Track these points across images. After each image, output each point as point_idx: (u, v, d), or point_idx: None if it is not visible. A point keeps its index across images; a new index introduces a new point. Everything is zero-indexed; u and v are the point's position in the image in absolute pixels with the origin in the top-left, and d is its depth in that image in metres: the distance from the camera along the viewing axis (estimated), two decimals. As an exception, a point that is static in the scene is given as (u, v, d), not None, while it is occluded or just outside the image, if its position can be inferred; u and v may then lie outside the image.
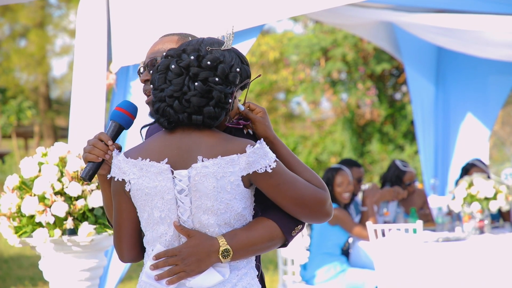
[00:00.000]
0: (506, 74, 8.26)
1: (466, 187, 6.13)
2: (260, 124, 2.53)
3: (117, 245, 2.57)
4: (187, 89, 2.41)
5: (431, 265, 5.34)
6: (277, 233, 2.47)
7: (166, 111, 2.43)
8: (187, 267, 2.41)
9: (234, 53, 2.49)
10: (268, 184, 2.41)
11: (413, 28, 6.98)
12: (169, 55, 2.47)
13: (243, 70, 2.48)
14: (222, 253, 2.40)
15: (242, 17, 4.87)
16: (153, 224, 2.46)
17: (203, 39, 2.52)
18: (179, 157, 2.41)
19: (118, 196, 2.51)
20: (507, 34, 6.32)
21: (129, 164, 2.45)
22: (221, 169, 2.37)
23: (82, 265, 4.11)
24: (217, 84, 2.41)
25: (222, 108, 2.43)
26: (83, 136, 4.90)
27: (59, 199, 3.98)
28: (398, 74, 15.33)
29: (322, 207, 2.47)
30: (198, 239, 2.41)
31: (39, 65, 24.45)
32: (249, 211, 2.47)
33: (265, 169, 2.38)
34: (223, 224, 2.42)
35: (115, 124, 2.63)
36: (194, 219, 2.42)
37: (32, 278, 8.58)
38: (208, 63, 2.41)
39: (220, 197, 2.39)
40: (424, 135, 8.46)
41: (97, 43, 4.94)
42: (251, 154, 2.37)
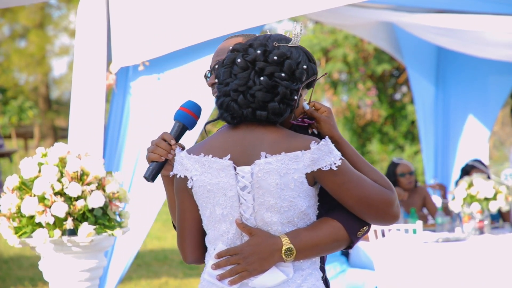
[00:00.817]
0: (506, 74, 8.26)
1: (466, 187, 6.13)
2: (325, 123, 2.48)
3: (180, 246, 2.53)
4: (253, 83, 2.36)
5: (431, 266, 5.34)
6: (342, 234, 2.40)
7: (230, 105, 2.39)
8: (249, 266, 2.36)
9: (302, 50, 2.45)
10: (333, 182, 2.35)
11: (414, 28, 6.98)
12: (236, 49, 2.43)
13: (309, 67, 2.43)
14: (285, 251, 2.35)
15: (242, 18, 4.87)
16: (215, 222, 2.42)
17: (271, 35, 2.46)
18: (242, 154, 2.37)
19: (180, 194, 2.47)
20: (507, 34, 6.32)
21: (192, 161, 2.42)
22: (284, 166, 2.32)
23: (82, 266, 4.11)
24: (283, 80, 2.36)
25: (287, 105, 2.38)
26: (83, 137, 4.90)
27: (59, 200, 3.98)
28: (399, 74, 15.33)
29: (389, 208, 2.40)
30: (261, 237, 2.36)
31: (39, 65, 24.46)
32: (313, 210, 2.41)
33: (330, 166, 2.32)
34: (286, 223, 2.37)
35: (179, 124, 2.60)
36: (257, 216, 2.37)
37: (32, 278, 8.57)
38: (274, 58, 2.37)
39: (284, 195, 2.34)
40: (425, 136, 8.47)
41: (97, 43, 4.94)
42: (316, 151, 2.32)
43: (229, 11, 4.90)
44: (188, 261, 2.54)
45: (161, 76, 5.06)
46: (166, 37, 4.94)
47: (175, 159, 2.47)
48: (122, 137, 5.07)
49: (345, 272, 6.13)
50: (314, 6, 4.94)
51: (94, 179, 4.08)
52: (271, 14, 4.92)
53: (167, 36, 4.94)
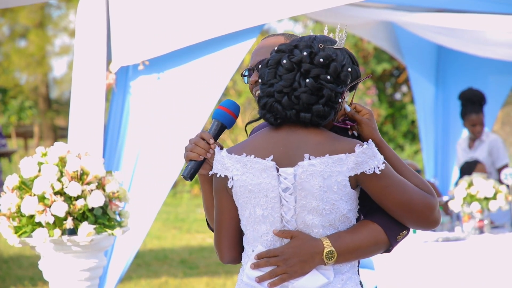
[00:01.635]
0: (506, 74, 8.26)
1: (466, 187, 6.13)
2: (367, 126, 2.47)
3: (217, 245, 2.52)
4: (298, 85, 2.36)
5: (431, 265, 5.34)
6: (382, 238, 2.40)
7: (273, 106, 2.38)
8: (289, 268, 2.35)
9: (346, 52, 2.44)
10: (376, 186, 2.35)
11: (413, 27, 6.98)
12: (281, 50, 2.42)
13: (353, 70, 2.43)
14: (326, 254, 2.34)
15: (242, 17, 4.87)
16: (255, 223, 2.41)
17: (316, 36, 2.46)
18: (285, 155, 2.36)
19: (219, 194, 2.46)
20: (507, 34, 6.32)
21: (233, 160, 2.41)
22: (328, 168, 2.31)
23: (82, 265, 4.11)
24: (328, 82, 2.36)
25: (332, 107, 2.38)
26: (83, 136, 4.90)
27: (58, 199, 3.98)
28: (398, 74, 15.33)
29: (430, 213, 2.39)
30: (302, 239, 2.35)
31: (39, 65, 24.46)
32: (354, 213, 2.41)
33: (374, 170, 2.32)
34: (327, 225, 2.36)
35: (218, 123, 2.59)
36: (298, 219, 2.36)
37: (32, 278, 8.57)
38: (320, 60, 2.36)
39: (326, 197, 2.33)
40: (425, 135, 8.47)
41: (96, 43, 4.94)
42: (360, 154, 2.31)
43: (229, 10, 4.90)
44: (225, 261, 2.53)
45: (161, 75, 5.05)
46: (166, 36, 4.94)
47: (215, 158, 2.46)
48: (122, 137, 5.07)
49: (345, 271, 6.12)
50: (314, 5, 4.94)
51: (94, 179, 4.08)
52: (271, 14, 4.92)
53: (167, 35, 4.94)
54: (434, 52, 8.38)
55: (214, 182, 2.47)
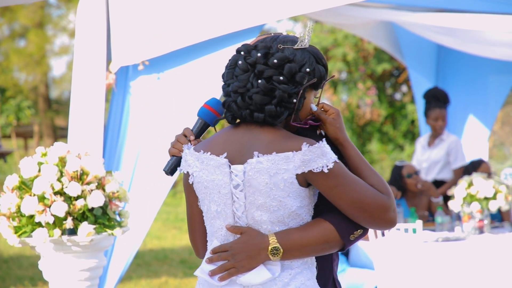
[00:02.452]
0: (506, 74, 8.26)
1: (466, 187, 6.13)
2: (331, 126, 2.50)
3: (191, 241, 2.60)
4: (251, 86, 2.41)
5: (430, 265, 5.34)
6: (334, 236, 2.42)
7: (231, 106, 2.45)
8: (237, 263, 2.41)
9: (309, 52, 2.47)
10: (325, 185, 2.37)
11: (413, 27, 6.98)
12: (240, 50, 2.48)
13: (316, 70, 2.46)
14: (271, 251, 2.38)
15: (242, 17, 4.87)
16: (211, 219, 2.48)
17: (279, 36, 2.49)
18: (238, 152, 2.42)
19: (187, 190, 2.55)
20: (507, 34, 6.32)
21: (193, 157, 2.48)
22: (275, 166, 2.35)
23: (82, 265, 4.10)
24: (281, 83, 2.39)
25: (285, 108, 2.41)
26: (83, 136, 4.90)
27: (58, 199, 3.97)
28: (398, 74, 15.33)
29: (383, 213, 2.41)
30: (249, 235, 2.41)
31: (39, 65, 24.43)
32: (306, 210, 2.43)
33: (322, 169, 2.34)
34: (276, 222, 2.40)
35: (201, 121, 2.65)
36: (248, 215, 2.42)
37: (32, 278, 8.57)
38: (274, 61, 2.40)
39: (273, 194, 2.37)
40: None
41: (96, 43, 4.94)
42: (307, 152, 2.34)
43: (229, 10, 4.90)
44: (201, 255, 2.59)
45: (161, 75, 5.05)
46: (166, 36, 4.94)
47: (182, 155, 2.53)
48: (122, 137, 5.06)
49: (345, 271, 6.12)
50: (314, 5, 4.94)
51: (94, 179, 4.07)
52: (271, 14, 4.92)
53: (167, 35, 4.94)
54: (434, 52, 8.38)
55: (183, 178, 2.56)
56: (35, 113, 25.97)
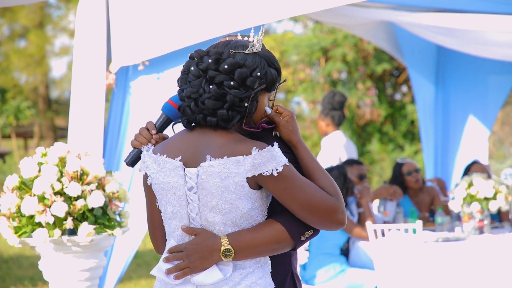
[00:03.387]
0: (505, 74, 8.26)
1: (466, 187, 6.13)
2: (284, 128, 2.56)
3: (152, 238, 2.68)
4: (203, 91, 2.47)
5: (430, 265, 5.34)
6: (284, 237, 2.49)
7: (185, 110, 2.51)
8: (191, 263, 2.47)
9: (261, 56, 2.52)
10: (275, 188, 2.44)
11: (413, 27, 6.98)
12: (192, 57, 2.53)
13: (268, 73, 2.52)
14: (223, 252, 2.45)
15: (242, 17, 4.87)
16: (168, 219, 2.55)
17: (230, 41, 2.55)
18: (192, 155, 2.48)
19: (146, 189, 2.61)
20: (507, 34, 6.32)
21: (151, 159, 2.55)
22: (226, 169, 2.42)
23: (82, 265, 4.11)
24: (231, 88, 2.45)
25: (237, 112, 2.47)
26: (83, 136, 4.90)
27: (58, 199, 3.98)
28: (398, 74, 15.32)
29: (332, 215, 2.47)
30: (203, 237, 2.47)
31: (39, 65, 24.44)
32: (258, 212, 2.49)
33: (271, 172, 2.41)
34: (229, 223, 2.47)
35: (164, 116, 2.71)
36: (202, 216, 2.48)
37: (32, 278, 8.57)
38: (225, 67, 2.46)
39: (225, 197, 2.44)
40: (426, 135, 8.47)
41: (96, 43, 4.94)
42: (257, 156, 2.40)
43: (229, 10, 4.90)
44: (161, 252, 2.67)
45: (160, 76, 5.05)
46: (165, 36, 4.94)
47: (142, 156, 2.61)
48: (122, 137, 5.06)
49: (345, 271, 6.12)
50: (314, 5, 4.94)
51: (94, 179, 4.08)
52: (271, 14, 4.92)
53: (167, 35, 4.94)
54: (434, 52, 8.38)
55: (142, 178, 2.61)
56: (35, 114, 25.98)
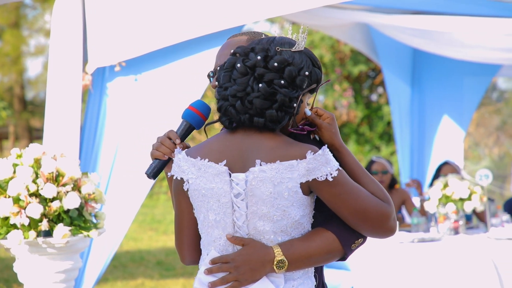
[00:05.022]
0: (480, 75, 8.33)
1: (441, 188, 6.17)
2: (326, 131, 2.44)
3: (178, 247, 2.51)
4: (251, 89, 2.32)
5: (406, 266, 5.37)
6: (336, 246, 2.37)
7: (228, 110, 2.35)
8: (240, 275, 2.33)
9: (306, 55, 2.39)
10: (329, 193, 2.31)
11: (389, 30, 7.01)
12: (237, 52, 2.38)
13: (313, 73, 2.39)
14: (277, 263, 2.32)
15: (220, 19, 4.87)
16: (208, 227, 2.39)
17: (275, 38, 2.41)
18: (238, 160, 2.34)
19: (178, 196, 2.45)
20: (482, 36, 6.37)
21: (189, 163, 2.38)
22: (279, 174, 2.28)
23: (57, 267, 4.08)
24: (282, 87, 2.32)
25: (286, 112, 2.34)
26: (58, 138, 4.87)
27: (34, 201, 3.95)
28: (375, 75, 15.40)
29: (385, 222, 2.36)
30: (253, 247, 2.33)
31: (14, 65, 24.25)
32: (308, 219, 2.37)
33: (326, 177, 2.28)
34: (279, 232, 2.34)
35: (186, 123, 2.57)
36: (249, 224, 2.34)
37: (7, 280, 8.50)
38: (275, 65, 2.32)
39: (277, 204, 2.30)
40: (401, 136, 8.51)
41: (72, 43, 4.91)
42: (312, 161, 2.27)
43: (206, 12, 4.90)
44: (186, 262, 2.52)
45: (138, 77, 5.04)
46: (143, 37, 4.92)
47: (174, 160, 2.44)
48: (99, 138, 5.04)
49: (322, 272, 6.14)
50: (291, 7, 4.95)
51: (69, 180, 4.06)
52: (249, 15, 4.92)
53: (144, 36, 4.92)
54: (410, 53, 8.43)
55: (173, 183, 2.45)
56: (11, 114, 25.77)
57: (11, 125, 26.59)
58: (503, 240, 5.57)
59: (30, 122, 26.74)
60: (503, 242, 5.52)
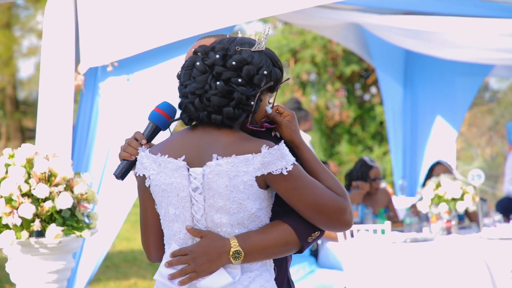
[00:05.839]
0: (473, 75, 8.35)
1: (434, 188, 6.18)
2: (286, 128, 2.51)
3: (144, 245, 2.57)
4: (209, 87, 2.40)
5: (399, 266, 5.38)
6: (292, 238, 2.43)
7: (187, 107, 2.44)
8: (198, 267, 2.40)
9: (266, 55, 2.47)
10: (284, 187, 2.38)
11: (381, 31, 7.02)
12: (197, 52, 2.46)
13: (273, 72, 2.46)
14: (233, 254, 2.38)
15: (212, 19, 4.87)
16: (169, 222, 2.46)
17: (236, 38, 2.49)
18: (197, 155, 2.41)
19: (141, 193, 2.52)
20: (473, 36, 6.39)
21: (150, 160, 2.46)
22: (234, 168, 2.35)
23: (50, 267, 4.08)
24: (239, 85, 2.39)
25: (243, 110, 2.42)
26: (51, 138, 4.86)
27: (26, 201, 3.94)
28: (367, 75, 15.42)
29: (340, 215, 2.42)
30: (210, 239, 2.40)
31: (6, 66, 24.20)
32: (265, 212, 2.44)
33: (281, 171, 2.35)
34: (236, 224, 2.40)
35: (152, 125, 2.64)
36: (207, 217, 2.41)
37: (-1, 280, 8.48)
38: (233, 63, 2.40)
39: (233, 197, 2.37)
40: (394, 136, 8.53)
41: (64, 44, 4.91)
42: (267, 155, 2.34)
43: (199, 12, 4.89)
44: (153, 259, 2.58)
45: (130, 77, 5.03)
46: (135, 37, 4.92)
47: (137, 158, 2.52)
48: (91, 138, 5.04)
49: (314, 272, 6.14)
50: (284, 7, 4.95)
51: (62, 180, 4.05)
52: (241, 15, 4.92)
53: (136, 36, 4.92)
54: (403, 53, 8.45)
55: (137, 181, 2.53)
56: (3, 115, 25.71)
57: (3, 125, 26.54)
58: (496, 240, 5.58)
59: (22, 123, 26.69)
60: (495, 242, 5.53)
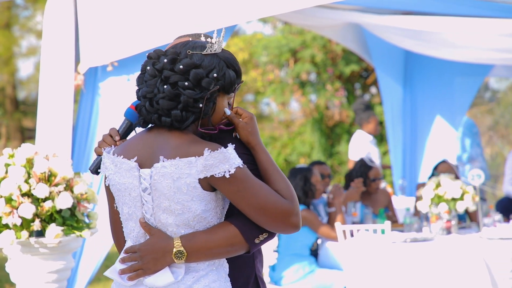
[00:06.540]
0: (472, 76, 8.35)
1: (434, 187, 6.18)
2: (243, 130, 2.55)
3: (114, 239, 2.65)
4: (158, 91, 2.46)
5: (399, 265, 5.38)
6: (238, 239, 2.47)
7: (141, 110, 2.51)
8: (144, 265, 2.46)
9: (219, 57, 2.50)
10: (228, 190, 2.42)
11: (380, 31, 7.02)
12: (150, 56, 2.52)
13: (227, 75, 2.50)
14: (175, 254, 2.43)
15: (212, 18, 4.87)
16: (124, 220, 2.54)
17: (189, 42, 2.54)
18: (148, 156, 2.47)
19: (106, 191, 2.61)
20: (473, 36, 6.39)
21: (110, 160, 2.53)
22: (178, 170, 2.40)
23: (50, 267, 4.08)
24: (186, 89, 2.44)
25: (192, 112, 2.46)
26: (51, 138, 4.86)
27: (26, 201, 3.94)
28: (367, 75, 15.42)
29: (285, 218, 2.46)
30: (157, 238, 2.46)
31: (6, 66, 24.20)
32: (213, 214, 2.47)
33: (223, 174, 2.39)
34: (182, 225, 2.45)
35: (127, 122, 2.69)
36: (156, 217, 2.47)
37: (-1, 280, 8.48)
38: (180, 67, 2.44)
39: (177, 198, 2.42)
40: (393, 136, 8.53)
41: (64, 43, 4.91)
42: (209, 158, 2.39)
43: (198, 11, 4.90)
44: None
45: (130, 77, 5.03)
46: (135, 37, 4.92)
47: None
48: (91, 138, 5.04)
49: (314, 272, 6.14)
50: (283, 7, 4.95)
51: (62, 180, 4.05)
52: (241, 15, 4.92)
53: (136, 36, 4.92)
54: (402, 53, 8.45)
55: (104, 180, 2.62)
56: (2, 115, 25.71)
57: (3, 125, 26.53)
58: (495, 240, 5.58)
59: (22, 122, 26.68)
60: (495, 242, 5.53)
